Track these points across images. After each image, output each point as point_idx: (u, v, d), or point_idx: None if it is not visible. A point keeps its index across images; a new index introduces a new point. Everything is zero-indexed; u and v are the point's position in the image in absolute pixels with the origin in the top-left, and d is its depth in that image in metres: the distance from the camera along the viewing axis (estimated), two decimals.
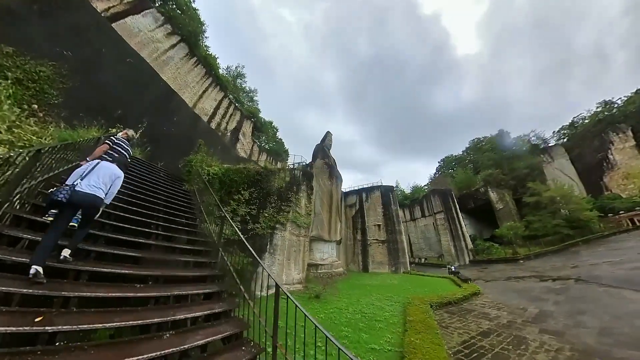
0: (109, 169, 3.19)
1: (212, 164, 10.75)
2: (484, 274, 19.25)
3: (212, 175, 9.83)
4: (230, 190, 10.40)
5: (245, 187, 10.79)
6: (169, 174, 9.86)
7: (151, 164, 9.69)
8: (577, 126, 43.47)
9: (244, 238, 4.80)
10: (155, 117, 14.44)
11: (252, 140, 24.21)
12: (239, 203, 10.31)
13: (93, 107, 10.33)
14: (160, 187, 7.65)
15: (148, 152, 11.60)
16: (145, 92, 14.09)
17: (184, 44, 17.66)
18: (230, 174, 10.64)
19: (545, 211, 27.00)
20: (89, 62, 10.79)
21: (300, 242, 13.23)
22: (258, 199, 11.02)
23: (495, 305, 10.87)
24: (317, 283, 14.23)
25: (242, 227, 9.81)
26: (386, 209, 23.41)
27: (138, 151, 10.70)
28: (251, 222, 10.28)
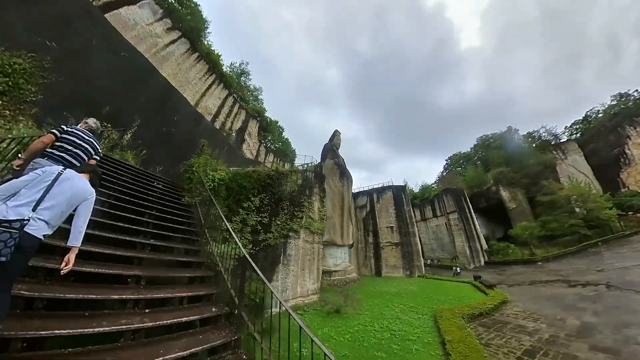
0: (74, 184, 1.95)
1: (218, 167, 9.93)
2: (504, 277, 18.60)
3: (217, 182, 9.02)
4: (239, 198, 9.55)
5: (255, 193, 10.00)
6: (167, 182, 8.85)
7: (145, 172, 8.55)
8: (590, 120, 42.49)
9: (253, 263, 4.04)
10: (153, 117, 13.40)
11: (259, 141, 23.51)
12: (249, 211, 9.56)
13: (78, 103, 9.30)
14: (151, 204, 5.99)
15: (143, 155, 10.49)
16: (142, 89, 13.03)
17: (185, 40, 16.81)
18: (239, 179, 9.77)
19: (561, 210, 26.24)
20: (76, 54, 9.75)
21: (315, 250, 12.63)
22: (269, 206, 10.26)
23: (529, 315, 10.24)
24: (332, 292, 13.64)
25: (252, 239, 9.15)
26: (399, 210, 22.74)
27: (131, 156, 9.47)
28: (263, 232, 9.60)
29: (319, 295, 12.18)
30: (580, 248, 22.55)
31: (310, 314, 9.19)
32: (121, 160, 8.22)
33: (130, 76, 12.35)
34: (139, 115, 12.19)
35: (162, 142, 13.63)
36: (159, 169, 11.10)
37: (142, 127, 12.14)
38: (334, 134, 24.70)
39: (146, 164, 9.87)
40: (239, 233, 8.81)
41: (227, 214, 8.97)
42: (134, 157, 9.14)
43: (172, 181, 9.35)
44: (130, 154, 9.02)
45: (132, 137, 11.11)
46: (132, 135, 10.94)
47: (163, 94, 14.53)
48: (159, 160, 12.37)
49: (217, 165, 10.09)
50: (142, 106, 12.70)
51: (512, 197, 30.94)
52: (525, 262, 22.09)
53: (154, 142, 12.71)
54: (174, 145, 14.30)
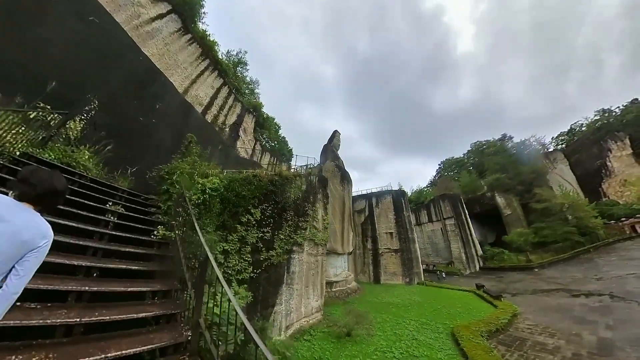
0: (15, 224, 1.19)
1: (209, 171, 8.16)
2: (504, 285, 18.66)
3: (209, 193, 7.34)
4: (237, 211, 8.00)
5: (256, 203, 8.54)
6: (133, 198, 6.31)
7: (101, 183, 5.80)
8: (575, 133, 45.04)
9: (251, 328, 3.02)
10: (127, 103, 11.01)
11: (254, 138, 22.19)
12: (249, 227, 8.14)
13: (13, 74, 7.13)
14: (85, 261, 3.27)
15: (107, 153, 7.35)
16: (115, 67, 10.68)
17: (176, 16, 14.60)
18: (236, 187, 8.20)
19: (555, 218, 27.19)
20: (21, 13, 7.74)
21: (318, 263, 11.74)
22: (272, 218, 8.95)
23: (544, 330, 9.98)
24: (336, 306, 12.79)
25: (253, 259, 7.93)
26: (398, 216, 22.39)
27: (86, 154, 6.33)
28: (264, 250, 8.36)
29: (323, 311, 11.30)
30: (573, 255, 23.33)
31: (318, 339, 8.27)
32: (56, 163, 5.30)
33: (99, 49, 9.92)
34: (108, 99, 9.65)
35: (139, 136, 11.31)
36: (132, 170, 8.63)
37: (109, 115, 9.50)
38: (333, 134, 23.98)
39: (112, 164, 7.49)
40: (236, 255, 7.54)
41: (221, 234, 7.45)
42: (91, 157, 6.52)
43: (146, 195, 6.79)
44: (85, 152, 6.29)
45: (92, 127, 7.93)
46: (90, 125, 7.76)
47: (143, 76, 12.23)
48: (133, 159, 9.86)
49: (209, 169, 8.29)
50: (112, 89, 10.25)
51: (508, 204, 31.81)
52: (521, 268, 22.50)
53: (127, 136, 10.35)
54: (155, 140, 12.14)
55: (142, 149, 11.27)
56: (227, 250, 7.26)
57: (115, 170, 8.00)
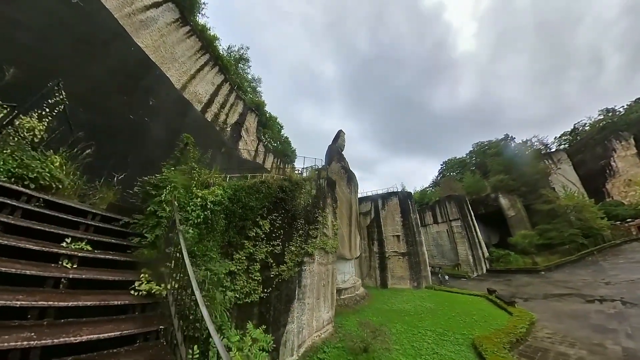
0: None
1: (211, 179, 7.14)
2: (513, 289, 18.62)
3: (211, 208, 6.32)
4: (243, 225, 7.20)
5: (264, 213, 7.85)
6: (108, 225, 4.82)
7: (58, 207, 4.19)
8: (578, 133, 45.33)
9: None
10: (115, 96, 9.68)
11: (257, 139, 21.71)
12: (257, 241, 7.44)
13: None
14: None
15: (86, 158, 6.24)
16: (101, 55, 9.34)
17: (173, 5, 13.75)
18: (243, 197, 7.36)
19: (560, 219, 27.29)
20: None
21: (329, 272, 11.43)
22: (282, 229, 8.32)
23: (563, 339, 9.85)
24: (346, 315, 12.47)
25: (263, 277, 7.28)
26: (405, 218, 22.21)
27: (58, 159, 5.17)
28: (275, 266, 7.76)
29: (333, 323, 11.01)
30: (579, 257, 23.42)
31: (332, 356, 7.95)
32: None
33: (82, 36, 8.77)
34: (89, 93, 8.47)
35: (129, 136, 10.08)
36: (119, 177, 7.62)
37: (91, 111, 8.27)
38: (338, 134, 23.60)
39: (93, 172, 6.47)
40: (244, 275, 6.88)
41: (226, 251, 6.68)
42: (64, 164, 5.32)
43: (130, 217, 5.10)
44: (55, 158, 5.05)
45: (66, 125, 6.48)
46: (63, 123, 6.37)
47: (134, 68, 11.11)
48: (120, 164, 8.75)
49: (211, 178, 7.18)
50: (94, 81, 8.93)
51: (512, 205, 31.89)
52: (529, 271, 22.54)
53: (113, 136, 9.06)
54: (148, 140, 11.00)
55: (132, 151, 9.98)
56: (233, 272, 6.57)
57: (97, 179, 6.84)
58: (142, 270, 3.76)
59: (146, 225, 4.91)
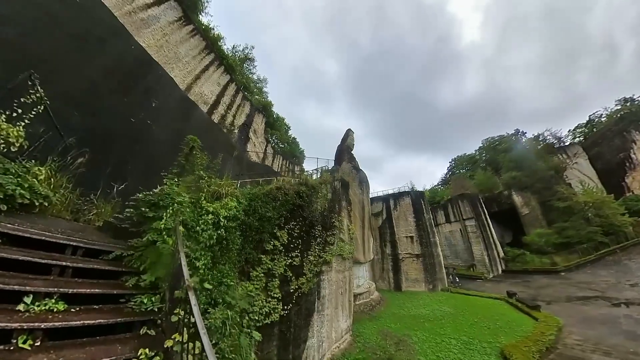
0: None
1: (223, 190, 6.27)
2: (533, 291, 18.26)
3: (225, 225, 5.55)
4: (260, 239, 6.63)
5: (282, 223, 7.35)
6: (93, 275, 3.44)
7: (29, 244, 3.21)
8: (594, 124, 44.08)
9: None
10: (113, 98, 8.99)
11: (265, 140, 21.55)
12: (275, 254, 6.91)
13: None
14: None
15: (79, 168, 5.63)
16: (97, 53, 8.67)
17: (176, 4, 13.53)
18: (259, 207, 6.76)
19: (577, 217, 26.63)
20: None
21: (346, 279, 11.24)
22: (300, 238, 7.90)
23: (595, 347, 9.55)
24: (364, 323, 12.27)
25: (283, 293, 6.77)
26: (418, 218, 21.92)
27: (43, 171, 4.64)
28: (294, 279, 7.27)
29: (351, 331, 10.85)
30: (599, 256, 22.85)
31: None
32: None
33: (76, 33, 8.12)
34: (83, 94, 7.88)
35: (130, 141, 9.39)
36: (118, 187, 6.99)
37: (86, 114, 7.58)
38: (347, 134, 23.30)
39: (88, 183, 5.87)
40: (262, 293, 6.32)
41: (242, 270, 6.04)
42: (51, 176, 4.72)
43: (126, 241, 4.12)
44: (39, 169, 4.46)
45: (53, 129, 5.70)
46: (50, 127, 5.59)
47: (135, 67, 10.61)
48: (119, 173, 8.01)
49: (222, 187, 6.34)
50: (89, 80, 8.20)
51: (526, 203, 31.26)
52: (547, 271, 22.09)
53: (111, 141, 8.40)
54: (151, 145, 10.29)
55: (133, 158, 9.27)
56: (251, 292, 6.05)
57: (93, 192, 6.07)
58: (140, 338, 2.80)
59: (144, 259, 3.77)
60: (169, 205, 4.48)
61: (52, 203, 4.46)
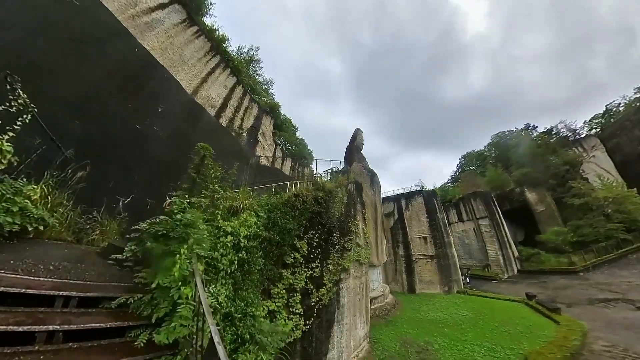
0: None
1: (240, 204, 5.91)
2: (551, 292, 18.06)
3: (245, 246, 5.22)
4: (280, 253, 6.40)
5: (301, 233, 7.14)
6: None
7: None
8: (611, 114, 42.73)
9: None
10: (116, 103, 8.56)
11: (274, 142, 21.57)
12: (295, 267, 6.70)
13: None
14: None
15: (80, 183, 5.39)
16: (98, 55, 8.35)
17: (179, 7, 13.46)
18: (278, 219, 6.48)
19: (595, 213, 26.06)
20: None
21: (363, 284, 11.26)
22: (320, 247, 7.74)
23: (625, 354, 9.43)
24: (380, 328, 12.26)
25: (304, 307, 6.55)
26: (432, 218, 21.74)
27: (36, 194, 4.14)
28: (315, 291, 7.05)
29: (369, 338, 10.90)
30: (619, 255, 22.39)
31: None
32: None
33: (76, 35, 7.71)
34: (83, 100, 7.44)
35: (136, 150, 8.92)
36: (125, 201, 6.71)
37: (86, 122, 7.22)
38: (356, 133, 23.16)
39: (91, 198, 5.53)
40: (284, 311, 6.04)
41: (264, 288, 5.77)
42: (48, 194, 4.32)
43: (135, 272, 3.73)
44: (33, 188, 4.04)
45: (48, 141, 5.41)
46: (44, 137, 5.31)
47: (139, 70, 10.30)
48: (125, 185, 7.53)
49: (239, 200, 5.97)
50: (90, 85, 7.80)
51: (540, 200, 30.71)
52: (565, 272, 21.75)
53: (115, 151, 7.94)
54: (159, 154, 9.78)
55: (139, 168, 8.80)
56: (273, 311, 5.74)
57: (97, 208, 5.58)
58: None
59: (155, 304, 3.10)
60: (181, 237, 3.57)
61: (50, 225, 4.05)
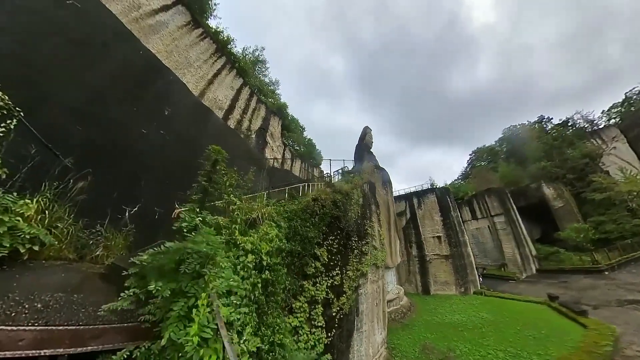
0: None
1: (258, 213, 5.34)
2: (574, 292, 17.45)
3: (268, 263, 4.63)
4: (301, 264, 5.97)
5: (321, 239, 6.76)
6: None
7: None
8: (632, 103, 41.01)
9: None
10: (121, 107, 8.24)
11: (283, 143, 21.51)
12: (316, 277, 6.31)
13: None
14: None
15: (81, 194, 4.89)
16: (101, 59, 8.13)
17: (183, 9, 13.47)
18: (299, 228, 6.06)
19: (618, 208, 25.10)
20: None
21: (380, 288, 11.05)
22: (339, 253, 7.44)
23: None
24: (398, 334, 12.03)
25: (326, 319, 6.18)
26: (445, 217, 21.31)
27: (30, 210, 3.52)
28: (335, 301, 6.71)
29: (386, 343, 10.71)
30: None
31: None
32: None
33: (78, 38, 7.50)
34: (85, 104, 7.17)
35: (142, 156, 8.53)
36: (130, 211, 6.43)
37: (89, 127, 6.90)
38: (364, 132, 22.84)
39: (94, 210, 5.15)
40: (307, 325, 5.66)
41: (286, 304, 5.30)
42: (45, 209, 3.88)
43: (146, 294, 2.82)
44: (26, 203, 3.55)
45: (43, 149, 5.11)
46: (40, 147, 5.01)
47: (144, 73, 10.03)
48: (131, 194, 7.24)
49: (257, 211, 5.35)
50: (93, 89, 7.54)
51: (558, 195, 29.76)
52: (588, 271, 20.96)
53: (118, 158, 7.59)
54: (166, 159, 9.40)
55: (146, 174, 8.36)
56: (295, 327, 5.39)
57: (101, 221, 5.16)
58: None
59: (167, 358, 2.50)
60: (194, 271, 2.73)
61: (47, 244, 3.53)
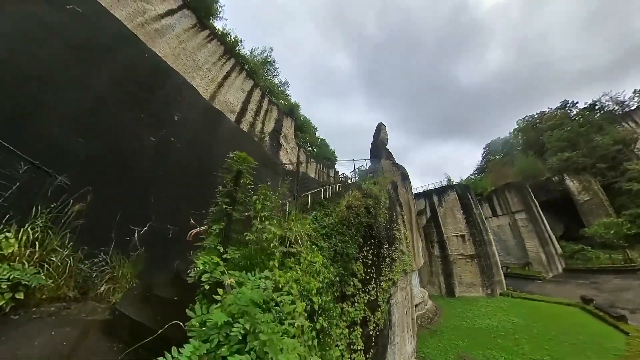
0: None
1: (293, 236, 4.15)
2: (607, 294, 16.93)
3: (319, 303, 3.78)
4: (340, 285, 5.25)
5: (356, 251, 6.15)
6: None
7: None
8: None
9: None
10: (126, 114, 7.70)
11: (297, 145, 21.35)
12: (355, 297, 5.66)
13: None
14: None
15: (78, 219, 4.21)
16: (104, 63, 7.66)
17: (189, 12, 13.37)
18: (338, 243, 5.56)
19: None
20: None
21: (408, 295, 10.84)
22: (373, 265, 6.89)
23: None
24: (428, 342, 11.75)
25: (364, 339, 5.55)
26: (468, 214, 20.84)
27: (12, 247, 2.96)
28: (372, 317, 6.17)
29: (416, 353, 10.58)
30: None
31: None
32: None
33: (79, 43, 7.09)
34: (85, 112, 6.64)
35: (150, 167, 7.83)
36: (140, 232, 5.91)
37: (90, 138, 6.38)
38: (379, 128, 22.44)
39: (95, 233, 4.73)
40: (347, 350, 4.85)
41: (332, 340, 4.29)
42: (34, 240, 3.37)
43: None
44: (7, 237, 3.11)
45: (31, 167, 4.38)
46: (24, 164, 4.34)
47: (149, 77, 9.47)
48: (139, 211, 6.58)
49: (293, 231, 4.24)
50: (96, 95, 7.10)
51: (584, 188, 28.54)
52: (620, 270, 20.14)
53: (125, 170, 6.92)
54: (178, 169, 8.61)
55: (156, 187, 7.54)
56: (336, 357, 4.65)
57: (104, 247, 4.49)
58: None
59: None
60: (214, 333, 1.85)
61: (37, 285, 2.90)
